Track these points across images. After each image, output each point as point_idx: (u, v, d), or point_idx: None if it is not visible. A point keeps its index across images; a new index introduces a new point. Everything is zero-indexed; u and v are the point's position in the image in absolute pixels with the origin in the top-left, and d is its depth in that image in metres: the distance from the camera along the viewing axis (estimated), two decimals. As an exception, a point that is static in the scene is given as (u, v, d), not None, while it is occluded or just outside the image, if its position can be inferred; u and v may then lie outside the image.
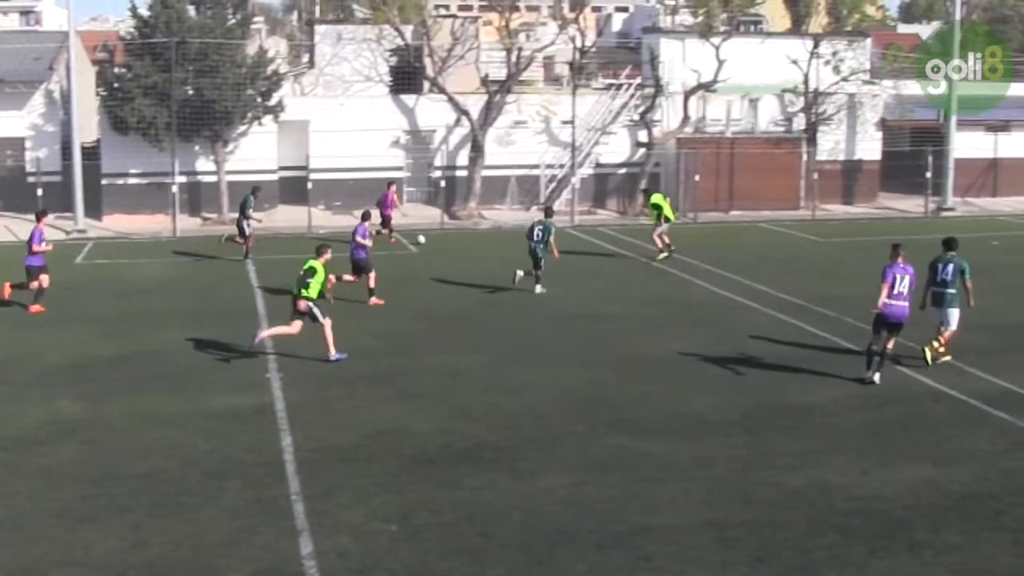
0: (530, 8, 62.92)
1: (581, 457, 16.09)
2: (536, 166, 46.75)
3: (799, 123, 49.23)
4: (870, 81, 49.79)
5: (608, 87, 49.93)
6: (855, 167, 50.84)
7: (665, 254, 34.09)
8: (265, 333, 22.07)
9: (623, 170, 47.79)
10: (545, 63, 55.01)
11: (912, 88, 50.29)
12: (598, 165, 47.49)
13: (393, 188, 37.68)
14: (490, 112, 45.38)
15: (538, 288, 28.53)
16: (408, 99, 46.58)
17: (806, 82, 48.03)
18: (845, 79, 48.24)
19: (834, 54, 48.09)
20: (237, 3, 44.32)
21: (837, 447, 16.64)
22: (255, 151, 43.97)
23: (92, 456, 16.12)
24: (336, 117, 44.75)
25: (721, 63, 45.89)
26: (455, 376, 20.61)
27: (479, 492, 14.63)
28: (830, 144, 49.66)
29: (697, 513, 14.02)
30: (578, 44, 47.69)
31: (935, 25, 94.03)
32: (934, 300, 21.73)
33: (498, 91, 45.59)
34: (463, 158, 46.25)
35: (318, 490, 14.61)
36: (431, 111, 46.09)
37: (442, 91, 45.06)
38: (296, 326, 21.58)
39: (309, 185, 42.75)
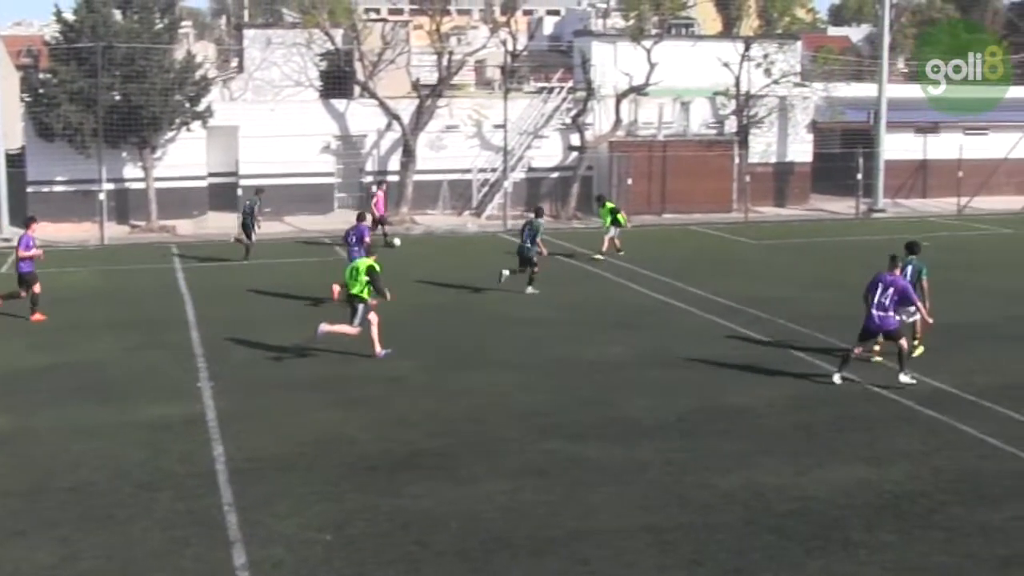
0: (461, 12, 63.12)
1: (518, 463, 16.12)
2: (468, 170, 46.81)
3: (731, 126, 49.60)
4: (801, 83, 50.28)
5: (540, 91, 50.11)
6: (787, 169, 51.31)
7: (601, 257, 34.63)
8: (328, 329, 21.97)
9: (555, 174, 47.93)
10: (477, 67, 55.08)
11: (842, 90, 50.85)
12: (530, 169, 47.58)
13: (384, 188, 38.25)
14: (421, 116, 45.35)
15: (529, 289, 28.95)
16: (339, 104, 46.45)
17: (737, 85, 48.41)
18: (776, 82, 48.69)
19: (765, 57, 48.54)
20: (164, 7, 43.97)
21: (772, 448, 16.79)
22: (184, 157, 43.66)
23: (20, 470, 15.91)
24: (266, 122, 44.54)
25: (653, 66, 46.14)
26: (392, 382, 20.56)
27: (417, 500, 14.60)
28: (762, 146, 50.06)
29: (633, 517, 14.09)
30: (509, 48, 47.78)
31: (865, 28, 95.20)
32: None
33: (429, 95, 45.57)
34: (395, 163, 46.19)
35: (252, 500, 14.53)
36: (362, 116, 45.99)
37: (373, 96, 44.98)
38: (356, 330, 21.96)
39: (239, 192, 42.49)
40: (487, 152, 47.27)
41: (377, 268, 22.20)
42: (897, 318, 20.49)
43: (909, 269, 22.25)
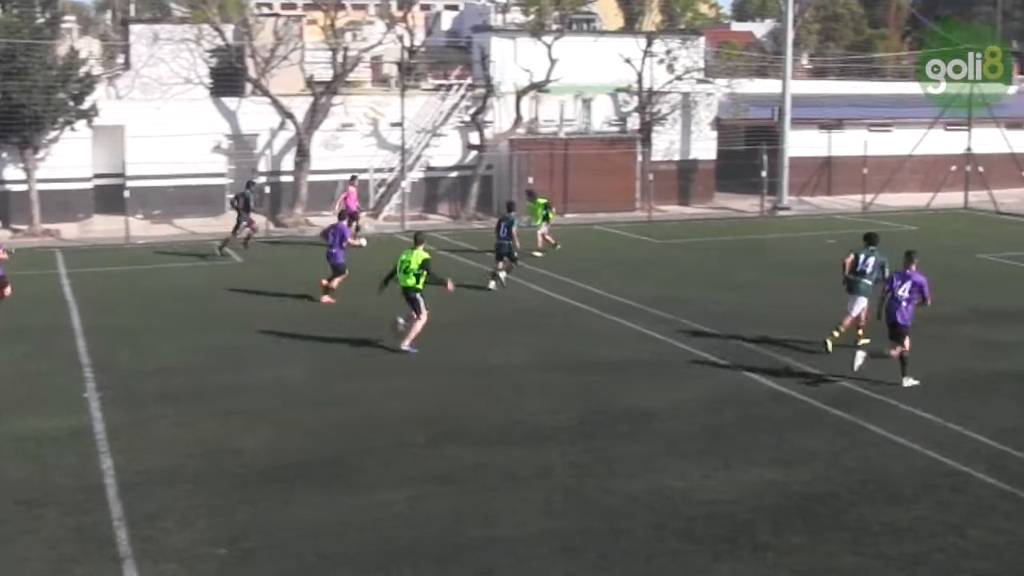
0: (356, 6, 62.75)
1: (418, 469, 16.10)
2: (365, 170, 46.58)
3: (633, 123, 49.89)
4: (704, 80, 50.70)
5: (438, 88, 50.05)
6: (690, 167, 51.75)
7: (541, 253, 35.52)
8: (407, 335, 22.96)
9: (454, 173, 47.89)
10: (373, 63, 54.87)
11: (746, 86, 51.39)
12: (429, 168, 47.47)
13: (355, 183, 38.61)
14: (316, 115, 45.07)
15: (492, 284, 30.07)
16: (230, 102, 46.00)
17: (640, 81, 48.68)
18: (679, 78, 49.04)
19: (668, 52, 48.86)
20: (46, 1, 43.22)
21: (678, 451, 16.94)
22: (68, 158, 42.91)
23: None
24: (154, 121, 43.93)
25: (553, 62, 46.29)
26: (284, 389, 20.41)
27: (312, 510, 14.53)
28: (665, 144, 50.44)
29: (538, 523, 14.13)
30: (406, 43, 47.63)
31: (768, 23, 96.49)
32: (850, 287, 23.18)
33: (324, 93, 45.29)
34: (288, 163, 45.84)
35: (142, 515, 14.35)
36: (254, 114, 45.57)
37: (265, 93, 44.61)
38: (425, 315, 22.93)
39: (126, 193, 41.87)
40: (384, 151, 47.10)
41: (431, 259, 23.28)
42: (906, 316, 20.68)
43: (871, 260, 23.08)
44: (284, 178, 45.66)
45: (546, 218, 36.55)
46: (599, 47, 49.10)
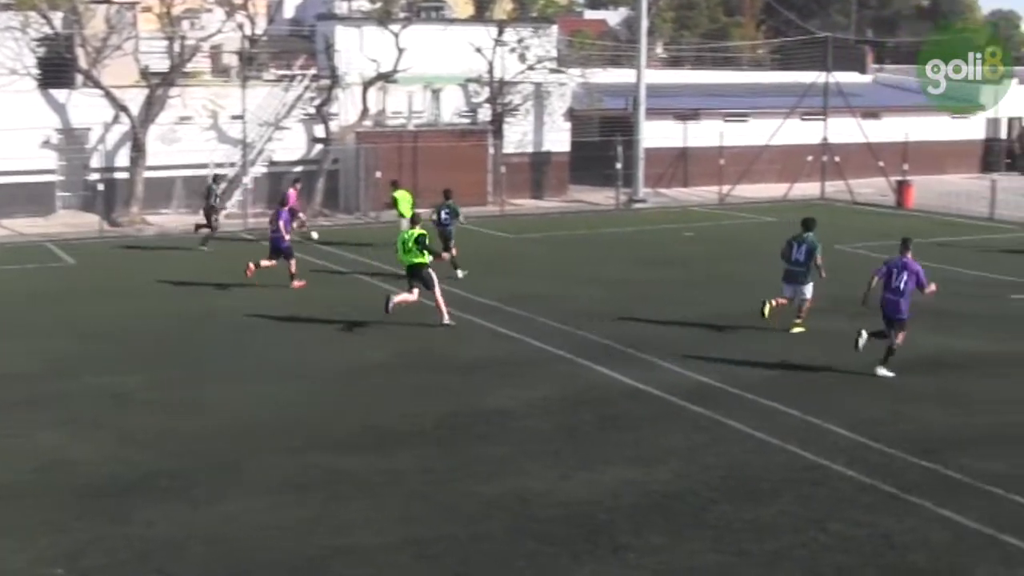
0: (193, -7, 61.88)
1: (267, 479, 16.00)
2: (205, 165, 46.00)
3: (485, 114, 50.05)
4: (557, 69, 51.01)
5: (281, 79, 49.57)
6: (544, 159, 52.09)
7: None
8: (397, 299, 25.09)
9: (299, 168, 47.49)
10: (212, 53, 54.14)
11: (600, 76, 51.86)
12: (272, 163, 47.01)
13: (298, 187, 38.46)
14: (152, 107, 44.40)
15: (460, 273, 30.97)
16: (59, 94, 45.07)
17: (491, 71, 48.86)
18: (531, 67, 49.30)
19: (519, 41, 49.08)
20: None
21: (535, 452, 17.09)
22: None
23: None
24: (-24, 115, 42.96)
25: (401, 52, 46.21)
26: (122, 398, 20.11)
27: (155, 525, 14.35)
28: (517, 136, 50.68)
29: (394, 531, 14.16)
30: (247, 32, 47.17)
31: (622, 11, 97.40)
32: (785, 276, 24.72)
33: (160, 84, 44.64)
34: (123, 158, 45.09)
35: (-26, 532, 14.08)
36: (86, 107, 44.72)
37: (97, 85, 43.82)
38: (416, 293, 25.28)
39: (-52, 192, 40.92)
40: (224, 145, 46.55)
41: (425, 234, 25.60)
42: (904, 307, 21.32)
43: (804, 248, 24.21)
44: (119, 175, 44.88)
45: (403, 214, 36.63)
46: (448, 36, 49.13)
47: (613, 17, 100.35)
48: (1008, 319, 26.41)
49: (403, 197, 35.88)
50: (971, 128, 63.23)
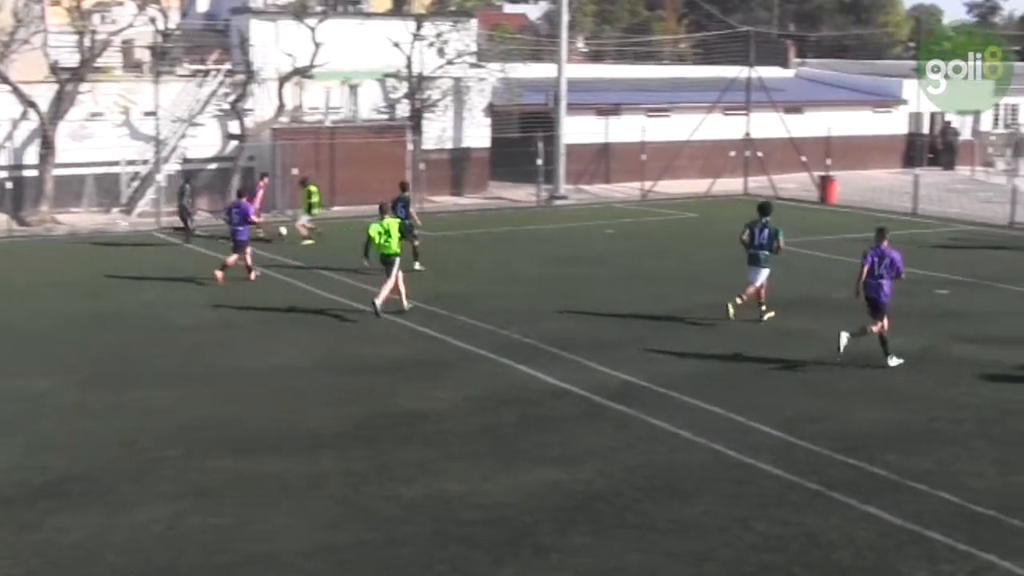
0: (104, -14, 61.21)
1: (181, 485, 15.82)
2: (117, 163, 45.59)
3: (403, 110, 49.91)
4: (477, 64, 51.00)
5: (195, 74, 49.17)
6: (464, 156, 52.04)
7: (312, 240, 37.27)
8: (383, 296, 26.16)
9: (214, 165, 47.18)
10: (123, 48, 53.57)
11: (520, 71, 51.87)
12: (186, 160, 46.64)
13: (265, 181, 39.76)
14: (62, 103, 43.90)
15: (417, 265, 31.53)
16: (-36, 90, 44.50)
17: (409, 66, 48.75)
18: (450, 62, 49.28)
19: (438, 36, 49.03)
20: None
21: (457, 453, 17.05)
22: None
23: None
24: None
25: (318, 46, 45.99)
26: (30, 402, 19.79)
27: (67, 533, 14.14)
28: (437, 132, 50.58)
29: (314, 536, 14.05)
30: (160, 26, 46.72)
31: (543, 5, 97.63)
32: (751, 260, 25.58)
33: (70, 80, 44.14)
34: (32, 156, 44.51)
35: None
36: (-8, 103, 44.20)
37: (4, 80, 43.26)
38: (395, 279, 26.44)
39: None
40: (137, 142, 46.15)
41: (400, 222, 27.22)
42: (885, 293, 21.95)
43: (766, 232, 25.23)
44: (27, 172, 44.30)
45: (310, 208, 37.85)
46: (366, 30, 49.00)
47: (533, 11, 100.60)
48: (933, 315, 26.68)
49: (307, 194, 37.41)
50: (894, 123, 63.89)
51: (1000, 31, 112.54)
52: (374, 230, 26.49)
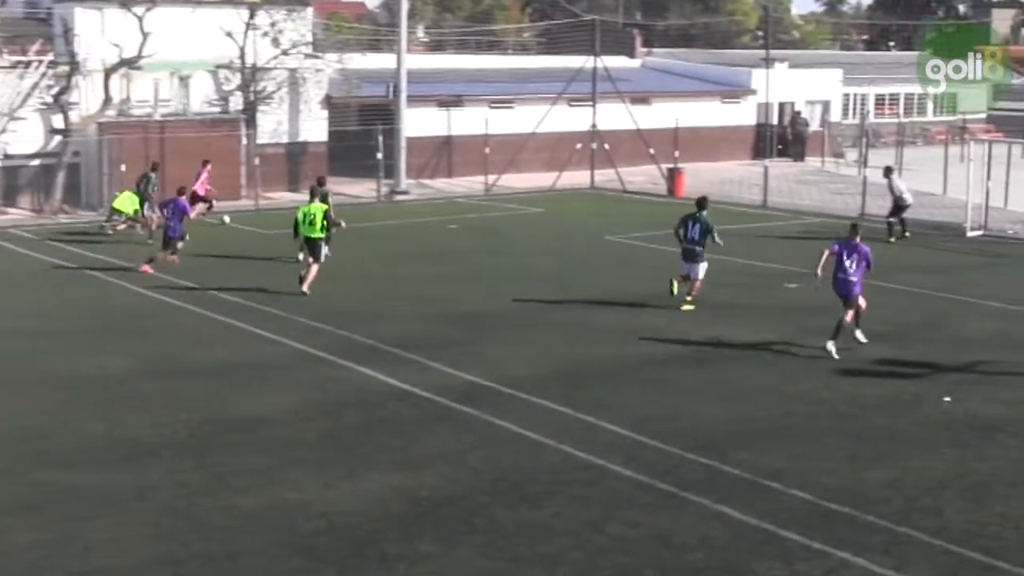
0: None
1: (1, 498, 15.41)
2: (-68, 160, 44.45)
3: (237, 103, 49.37)
4: (313, 55, 50.62)
5: (15, 65, 48.05)
6: (300, 150, 51.56)
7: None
8: (309, 281, 27.94)
9: (36, 161, 46.16)
10: (-64, 37, 52.37)
11: (359, 62, 51.60)
12: (6, 156, 45.61)
13: (209, 167, 40.56)
14: None
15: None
16: None
17: (243, 57, 48.22)
18: (286, 52, 48.80)
19: (272, 25, 48.54)
20: None
21: (295, 461, 16.85)
22: None
23: None
24: None
25: (146, 36, 45.23)
26: None
27: None
28: (272, 125, 50.06)
29: (144, 550, 13.77)
30: (-25, 15, 45.60)
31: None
32: (685, 255, 26.52)
33: None
34: None
35: None
36: None
37: None
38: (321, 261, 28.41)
39: None
40: (-47, 137, 45.07)
41: (329, 208, 29.21)
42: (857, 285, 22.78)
43: (698, 227, 25.99)
44: None
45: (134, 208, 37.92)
46: (197, 19, 48.23)
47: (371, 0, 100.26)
48: (783, 308, 27.08)
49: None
50: (743, 114, 64.83)
51: (848, 20, 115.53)
52: (300, 212, 28.95)
